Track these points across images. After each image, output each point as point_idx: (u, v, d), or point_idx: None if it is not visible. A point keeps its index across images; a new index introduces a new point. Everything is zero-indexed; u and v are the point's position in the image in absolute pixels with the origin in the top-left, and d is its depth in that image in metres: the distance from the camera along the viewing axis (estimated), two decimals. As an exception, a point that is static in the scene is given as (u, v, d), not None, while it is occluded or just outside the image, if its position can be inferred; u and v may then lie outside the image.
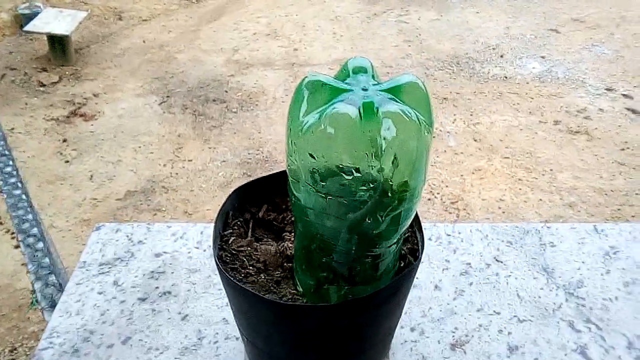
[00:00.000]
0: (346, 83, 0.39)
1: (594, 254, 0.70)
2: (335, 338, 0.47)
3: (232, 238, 0.53)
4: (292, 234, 0.55)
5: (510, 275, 0.67)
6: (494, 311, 0.63)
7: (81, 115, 2.91)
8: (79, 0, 4.10)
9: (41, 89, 3.11)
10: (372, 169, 0.37)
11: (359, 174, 0.37)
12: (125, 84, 3.23)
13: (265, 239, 0.54)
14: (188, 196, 2.52)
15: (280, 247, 0.53)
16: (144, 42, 3.70)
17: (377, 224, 0.40)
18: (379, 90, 0.38)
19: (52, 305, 0.61)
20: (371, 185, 0.37)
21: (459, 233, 0.73)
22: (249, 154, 2.77)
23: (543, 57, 3.67)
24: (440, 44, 3.82)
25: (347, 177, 0.37)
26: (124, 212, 2.40)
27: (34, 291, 1.87)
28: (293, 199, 0.43)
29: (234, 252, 0.52)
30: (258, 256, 0.52)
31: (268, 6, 4.29)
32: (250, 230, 0.55)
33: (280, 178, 0.57)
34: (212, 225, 0.74)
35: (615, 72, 3.49)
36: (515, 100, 3.21)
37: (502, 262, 0.69)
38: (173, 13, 4.13)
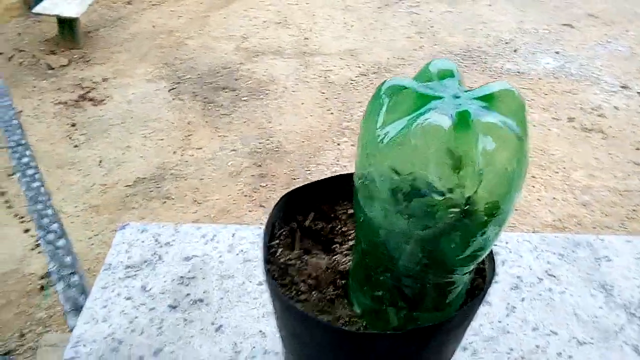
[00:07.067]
0: (430, 88, 0.35)
1: (652, 270, 0.66)
2: (398, 366, 0.43)
3: (280, 250, 0.49)
4: (343, 246, 0.51)
5: (564, 292, 0.63)
6: (551, 331, 0.59)
7: (90, 100, 2.86)
8: (88, -18, 4.03)
9: (50, 72, 3.06)
10: (466, 188, 0.32)
11: (451, 195, 0.32)
12: (134, 69, 3.18)
13: (313, 251, 0.50)
14: (197, 185, 2.48)
15: (331, 262, 0.49)
16: (153, 27, 3.64)
17: (461, 249, 0.36)
18: (472, 98, 0.34)
19: (76, 308, 0.58)
20: (464, 208, 0.33)
21: (506, 243, 0.69)
22: (259, 143, 2.73)
23: (557, 53, 3.60)
24: (452, 36, 3.76)
25: (437, 198, 0.33)
26: (133, 199, 2.36)
27: (46, 276, 1.84)
28: (362, 217, 0.38)
29: (282, 266, 0.48)
30: (309, 271, 0.48)
31: (278, -7, 4.22)
32: (297, 241, 0.51)
33: (328, 184, 0.53)
34: (244, 227, 0.70)
35: (630, 70, 3.43)
36: (529, 96, 3.15)
37: (554, 276, 0.65)
38: (183, -2, 4.06)
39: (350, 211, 0.52)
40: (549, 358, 0.56)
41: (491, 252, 0.45)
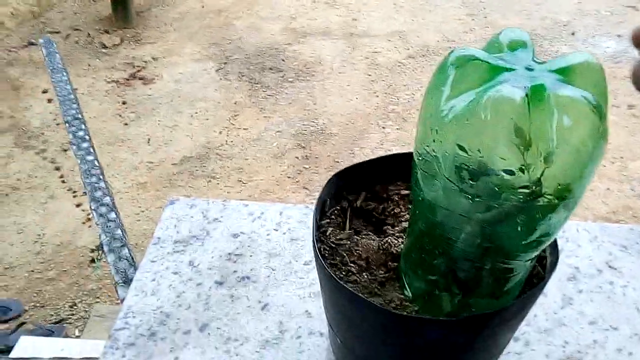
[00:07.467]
0: (501, 59, 0.32)
1: None
2: (450, 353, 0.41)
3: (330, 229, 0.48)
4: (395, 227, 0.49)
5: (626, 285, 0.59)
6: (610, 326, 0.55)
7: (140, 79, 2.92)
8: (139, -38, 4.08)
9: (103, 50, 3.13)
10: (537, 168, 0.30)
11: (520, 174, 0.30)
12: (183, 49, 3.21)
13: (364, 232, 0.49)
14: (242, 165, 2.50)
15: (383, 243, 0.47)
16: (202, 6, 3.66)
17: (525, 234, 0.34)
18: (547, 71, 0.31)
19: (125, 280, 0.59)
20: (534, 189, 0.31)
21: (564, 231, 0.65)
22: (303, 125, 2.72)
23: (619, 36, 3.42)
24: (505, 19, 3.62)
25: (505, 177, 0.30)
26: (179, 177, 2.40)
27: (97, 248, 1.90)
28: (420, 196, 0.37)
29: (332, 245, 0.46)
30: (359, 252, 0.46)
31: (327, -27, 4.16)
32: (347, 220, 0.49)
33: (381, 164, 0.51)
34: (291, 206, 0.69)
35: (699, 56, 3.23)
36: (587, 82, 3.02)
37: (616, 268, 0.61)
38: (231, -22, 4.06)
39: (404, 192, 0.50)
40: (607, 354, 0.53)
41: (555, 239, 0.43)
